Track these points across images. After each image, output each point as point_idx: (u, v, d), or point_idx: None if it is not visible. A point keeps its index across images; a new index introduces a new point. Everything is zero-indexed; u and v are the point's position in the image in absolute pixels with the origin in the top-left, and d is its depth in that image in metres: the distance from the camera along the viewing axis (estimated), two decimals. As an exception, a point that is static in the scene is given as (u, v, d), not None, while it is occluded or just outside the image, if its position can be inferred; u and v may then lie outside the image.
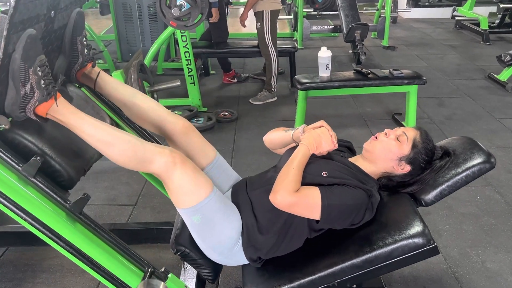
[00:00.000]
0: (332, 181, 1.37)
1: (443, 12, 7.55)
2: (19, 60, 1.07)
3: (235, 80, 4.57)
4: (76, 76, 1.49)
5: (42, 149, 1.27)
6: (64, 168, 1.32)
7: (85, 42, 1.45)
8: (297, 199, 1.31)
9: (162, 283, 1.20)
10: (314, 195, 1.32)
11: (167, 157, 1.27)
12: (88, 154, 1.48)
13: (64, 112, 1.22)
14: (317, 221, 1.36)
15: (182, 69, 3.75)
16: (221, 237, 1.38)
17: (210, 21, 4.09)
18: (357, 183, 1.38)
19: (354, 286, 1.45)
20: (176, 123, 1.54)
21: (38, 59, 1.13)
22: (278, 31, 4.05)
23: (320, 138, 1.44)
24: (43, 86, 1.14)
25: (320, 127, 1.48)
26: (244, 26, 4.16)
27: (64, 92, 1.31)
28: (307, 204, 1.32)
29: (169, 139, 1.55)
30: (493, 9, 6.58)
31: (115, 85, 1.56)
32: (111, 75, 1.67)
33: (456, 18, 6.81)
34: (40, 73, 1.13)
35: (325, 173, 1.39)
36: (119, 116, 1.73)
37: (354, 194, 1.35)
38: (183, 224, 1.51)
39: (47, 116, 1.20)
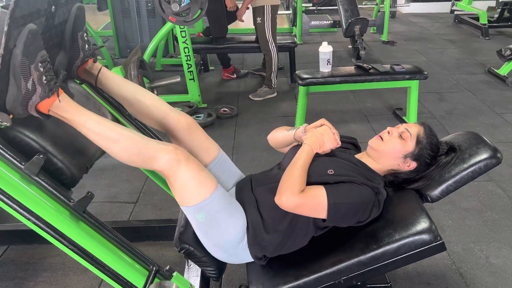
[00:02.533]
0: (338, 179, 1.36)
1: (442, 7, 7.54)
2: (20, 56, 1.05)
3: (235, 75, 4.55)
4: (77, 72, 1.46)
5: (44, 147, 1.25)
6: (66, 166, 1.30)
7: (86, 38, 1.43)
8: (303, 199, 1.29)
9: (174, 284, 1.18)
10: (319, 194, 1.31)
11: (171, 154, 1.25)
12: (90, 151, 1.46)
13: (67, 109, 1.20)
14: (323, 220, 1.34)
15: (181, 65, 3.73)
16: (226, 235, 1.37)
17: (228, 10, 4.07)
18: (363, 180, 1.37)
19: (359, 283, 1.44)
20: (179, 119, 1.52)
21: (39, 55, 1.11)
22: (277, 26, 4.02)
23: (322, 136, 1.43)
24: (45, 82, 1.12)
25: (321, 125, 1.47)
26: (242, 20, 4.13)
27: (65, 89, 1.29)
28: (313, 204, 1.31)
29: (172, 135, 1.53)
30: (492, 3, 6.54)
31: (117, 81, 1.54)
32: (111, 71, 1.64)
33: (455, 12, 6.80)
34: (41, 69, 1.11)
35: (331, 171, 1.38)
36: (120, 113, 1.71)
37: (360, 192, 1.34)
38: (187, 222, 1.50)
39: (49, 112, 1.18)
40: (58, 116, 1.21)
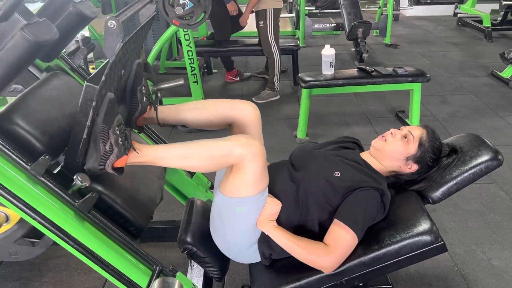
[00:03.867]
0: (344, 185, 1.38)
1: (445, 10, 7.53)
2: (101, 124, 1.14)
3: (238, 78, 4.57)
4: (136, 123, 1.52)
5: (115, 201, 1.34)
6: (135, 218, 1.38)
7: (143, 91, 1.48)
8: (337, 252, 1.32)
9: (177, 281, 1.20)
10: (344, 235, 1.32)
11: (246, 148, 1.24)
12: (153, 201, 1.55)
13: (141, 154, 1.26)
14: None
15: (184, 68, 3.75)
16: (250, 233, 1.38)
17: (230, 15, 4.12)
18: (369, 182, 1.39)
19: (361, 284, 1.45)
20: (247, 109, 1.52)
21: (116, 120, 1.19)
22: (280, 29, 4.04)
23: (268, 214, 1.38)
24: (120, 143, 1.20)
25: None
26: (245, 24, 4.15)
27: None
28: (347, 245, 1.33)
29: (237, 125, 1.53)
30: (496, 6, 6.54)
31: (173, 109, 1.57)
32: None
33: (458, 15, 6.80)
34: (118, 132, 1.19)
35: (338, 173, 1.40)
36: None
37: (367, 197, 1.37)
38: (190, 222, 1.52)
39: (126, 164, 1.25)
40: (136, 164, 1.28)
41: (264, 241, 1.40)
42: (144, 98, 1.49)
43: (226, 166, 1.31)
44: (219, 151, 1.26)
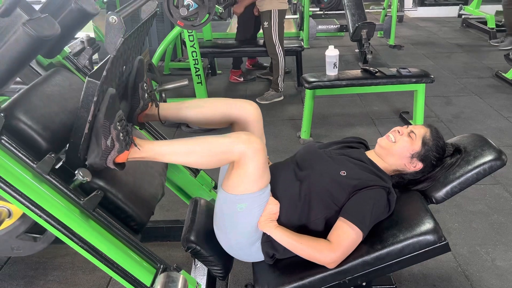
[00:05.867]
0: (350, 183, 1.39)
1: (450, 11, 7.51)
2: (103, 119, 1.15)
3: (242, 79, 4.58)
4: (137, 119, 1.53)
5: (117, 196, 1.35)
6: (136, 213, 1.40)
7: (145, 87, 1.48)
8: (340, 248, 1.32)
9: (181, 275, 1.21)
10: (348, 231, 1.33)
11: (247, 144, 1.25)
12: (155, 197, 1.57)
13: (143, 150, 1.27)
14: None
15: (189, 69, 3.76)
16: (251, 230, 1.39)
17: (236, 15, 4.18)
18: (376, 181, 1.39)
19: (364, 283, 1.45)
20: (249, 108, 1.54)
21: (117, 115, 1.20)
22: (284, 30, 4.05)
23: (268, 214, 1.39)
24: (121, 138, 1.21)
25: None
26: (238, 15, 4.17)
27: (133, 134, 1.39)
28: (351, 241, 1.34)
29: (239, 124, 1.55)
30: (500, 7, 6.53)
31: (175, 106, 1.58)
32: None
33: (463, 16, 6.78)
34: (119, 127, 1.20)
35: (344, 172, 1.41)
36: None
37: (373, 196, 1.38)
38: (194, 222, 1.53)
39: (127, 160, 1.26)
40: (137, 159, 1.29)
41: (267, 241, 1.40)
42: (146, 95, 1.49)
43: (227, 162, 1.31)
44: (220, 147, 1.27)
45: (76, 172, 1.21)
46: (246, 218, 1.37)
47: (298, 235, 1.37)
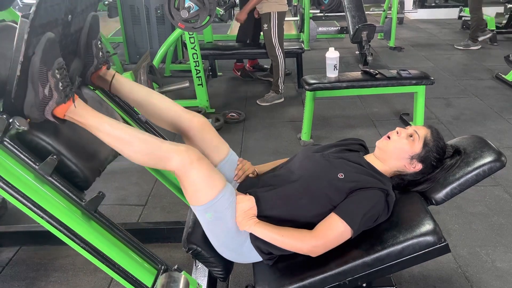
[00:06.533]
0: (348, 185, 1.39)
1: (450, 13, 7.53)
2: (39, 63, 1.10)
3: (239, 73, 4.64)
4: (90, 79, 1.51)
5: (59, 150, 1.29)
6: (80, 169, 1.34)
7: (99, 45, 1.47)
8: (322, 238, 1.33)
9: (183, 275, 1.21)
10: (336, 224, 1.34)
11: (183, 154, 1.28)
12: (103, 155, 1.50)
13: (82, 113, 1.24)
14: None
15: (189, 71, 3.78)
16: (232, 233, 1.39)
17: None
18: (373, 183, 1.40)
19: (364, 284, 1.46)
20: (191, 120, 1.55)
21: (56, 62, 1.15)
22: (284, 32, 4.06)
23: (242, 212, 1.38)
24: (61, 88, 1.16)
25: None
26: (241, 22, 4.18)
27: (79, 94, 1.33)
28: (336, 235, 1.34)
29: (185, 135, 1.57)
30: (500, 9, 6.54)
31: (130, 85, 1.58)
32: (123, 77, 1.69)
33: (463, 18, 6.79)
34: (58, 76, 1.15)
35: (341, 175, 1.41)
36: (131, 117, 1.76)
37: (370, 197, 1.38)
38: (195, 223, 1.53)
39: (64, 117, 1.22)
40: (74, 121, 1.24)
41: (257, 238, 1.40)
42: (100, 53, 1.47)
43: (163, 168, 1.34)
44: (159, 153, 1.28)
45: (11, 120, 1.12)
46: (220, 224, 1.38)
47: (280, 228, 1.37)
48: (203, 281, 1.56)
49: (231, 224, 1.38)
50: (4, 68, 1.21)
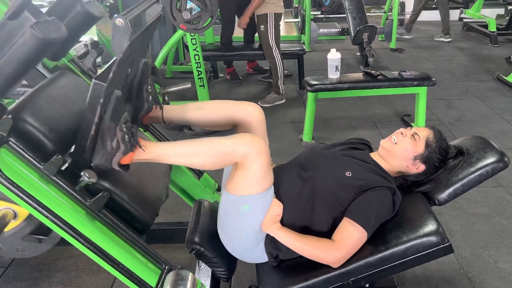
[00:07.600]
0: (356, 183, 1.40)
1: (451, 14, 7.50)
2: (109, 120, 1.16)
3: (228, 77, 4.69)
4: (142, 121, 1.54)
5: (122, 198, 1.35)
6: (141, 214, 1.41)
7: (149, 90, 1.49)
8: (345, 248, 1.34)
9: (191, 273, 1.22)
10: (353, 231, 1.35)
11: (252, 145, 1.26)
12: (159, 198, 1.58)
13: (147, 151, 1.28)
14: None
15: (191, 72, 3.78)
16: (255, 232, 1.40)
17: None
18: (381, 182, 1.41)
19: (367, 285, 1.46)
20: (253, 111, 1.54)
21: (123, 117, 1.21)
22: (285, 34, 4.07)
23: (271, 216, 1.40)
24: (127, 140, 1.22)
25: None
26: (243, 27, 4.18)
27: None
28: (355, 242, 1.35)
29: (242, 127, 1.56)
30: (501, 11, 6.54)
31: (179, 109, 1.59)
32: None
33: (464, 20, 6.80)
34: (124, 129, 1.20)
35: (349, 173, 1.42)
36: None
37: (379, 197, 1.39)
38: (198, 223, 1.54)
39: (132, 161, 1.27)
40: (141, 161, 1.29)
41: (271, 242, 1.41)
42: (150, 97, 1.50)
43: (231, 163, 1.32)
44: (224, 149, 1.28)
45: (82, 173, 1.21)
46: (250, 219, 1.38)
47: (302, 236, 1.38)
48: (206, 282, 1.57)
49: (259, 222, 1.38)
50: (64, 109, 1.37)
